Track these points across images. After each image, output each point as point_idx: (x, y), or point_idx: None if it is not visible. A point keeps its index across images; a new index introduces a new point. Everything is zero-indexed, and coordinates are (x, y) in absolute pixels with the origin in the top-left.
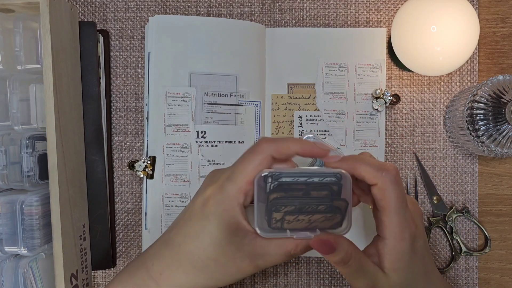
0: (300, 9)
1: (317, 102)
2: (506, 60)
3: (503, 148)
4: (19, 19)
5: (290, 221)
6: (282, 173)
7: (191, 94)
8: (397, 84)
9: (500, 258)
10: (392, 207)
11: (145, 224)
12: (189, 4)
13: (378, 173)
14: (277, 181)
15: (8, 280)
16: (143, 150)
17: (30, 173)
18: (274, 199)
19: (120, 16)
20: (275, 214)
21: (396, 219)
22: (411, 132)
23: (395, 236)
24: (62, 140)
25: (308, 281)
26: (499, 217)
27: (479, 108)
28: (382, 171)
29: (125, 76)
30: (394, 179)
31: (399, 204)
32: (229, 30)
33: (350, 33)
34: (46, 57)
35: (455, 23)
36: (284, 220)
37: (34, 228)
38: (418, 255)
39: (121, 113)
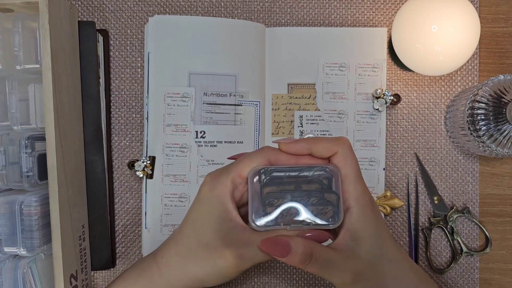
0: (300, 9)
1: (318, 102)
2: (507, 60)
3: (504, 148)
4: (18, 19)
5: (284, 215)
6: (274, 168)
7: (190, 94)
8: (398, 84)
9: (501, 259)
10: (353, 173)
11: (145, 224)
12: (189, 4)
13: (336, 142)
14: (269, 175)
15: (7, 281)
16: (142, 150)
17: (29, 173)
18: (267, 193)
19: (120, 16)
20: (269, 208)
21: (359, 185)
22: (412, 132)
23: (360, 201)
24: (61, 140)
25: (308, 281)
26: (499, 217)
27: (480, 108)
28: (338, 140)
29: (124, 76)
30: (350, 147)
31: (359, 170)
32: (229, 30)
33: (350, 33)
34: (45, 57)
35: (455, 22)
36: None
37: (33, 228)
38: (381, 220)
39: (120, 113)
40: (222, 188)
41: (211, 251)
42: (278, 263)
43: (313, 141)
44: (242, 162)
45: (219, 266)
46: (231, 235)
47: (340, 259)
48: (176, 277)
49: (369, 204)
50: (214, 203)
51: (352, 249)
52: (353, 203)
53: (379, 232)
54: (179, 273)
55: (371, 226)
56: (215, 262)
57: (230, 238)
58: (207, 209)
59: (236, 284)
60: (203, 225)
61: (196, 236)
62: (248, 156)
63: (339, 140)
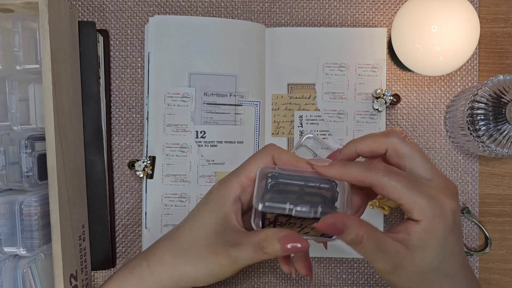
0: (300, 9)
1: (317, 102)
2: (507, 60)
3: (504, 148)
4: (18, 19)
5: (283, 223)
6: (281, 175)
7: (190, 94)
8: (398, 84)
9: (501, 258)
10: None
11: (145, 223)
12: (189, 4)
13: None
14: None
15: (7, 281)
16: (142, 150)
17: (29, 173)
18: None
19: (120, 16)
20: (269, 214)
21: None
22: (412, 132)
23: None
24: (61, 140)
25: (308, 281)
26: (499, 217)
27: (480, 108)
28: (385, 136)
29: (125, 76)
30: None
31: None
32: (229, 30)
33: (350, 33)
34: (45, 57)
35: (455, 23)
36: (276, 221)
37: (33, 228)
38: (451, 231)
39: (121, 113)
40: (227, 191)
41: (204, 250)
42: (277, 263)
43: (347, 169)
44: (249, 164)
45: (211, 266)
46: (226, 237)
47: (393, 248)
48: (167, 275)
49: (439, 213)
50: (217, 205)
51: (408, 249)
52: (419, 214)
53: (445, 246)
54: (170, 271)
55: (437, 239)
56: (207, 262)
57: (224, 239)
58: (208, 211)
59: (236, 284)
60: (200, 225)
61: (192, 235)
62: (254, 157)
63: (386, 135)
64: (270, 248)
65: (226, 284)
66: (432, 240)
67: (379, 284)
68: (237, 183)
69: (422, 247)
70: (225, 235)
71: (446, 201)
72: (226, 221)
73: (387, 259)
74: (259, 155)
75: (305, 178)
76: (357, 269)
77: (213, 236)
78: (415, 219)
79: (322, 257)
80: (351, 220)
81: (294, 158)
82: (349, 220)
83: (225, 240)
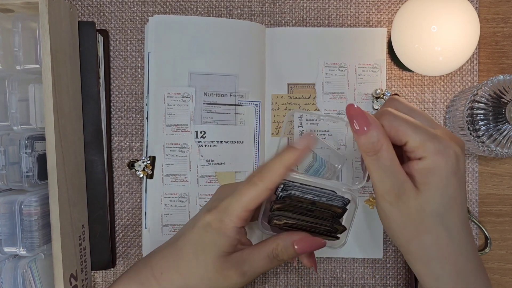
0: (300, 9)
1: (317, 102)
2: (507, 60)
3: (504, 148)
4: (18, 19)
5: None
6: (294, 186)
7: (190, 94)
8: (398, 84)
9: (501, 258)
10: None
11: (145, 223)
12: (189, 4)
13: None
14: (286, 191)
15: (7, 281)
16: (142, 150)
17: (29, 173)
18: (277, 208)
19: (120, 16)
20: (276, 221)
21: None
22: None
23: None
24: (61, 140)
25: (308, 281)
26: (499, 217)
27: (480, 108)
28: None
29: (124, 76)
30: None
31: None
32: (229, 30)
33: (350, 33)
34: (45, 57)
35: (455, 23)
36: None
37: (33, 228)
38: (459, 177)
39: (120, 113)
40: (228, 223)
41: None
42: None
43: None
44: (241, 200)
45: (225, 285)
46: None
47: (403, 176)
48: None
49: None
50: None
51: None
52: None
53: (448, 188)
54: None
55: (439, 177)
56: (220, 282)
57: (233, 261)
58: (211, 239)
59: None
60: (206, 252)
61: (198, 261)
62: (246, 192)
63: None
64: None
65: None
66: (434, 177)
67: (379, 284)
68: (237, 218)
69: (426, 185)
70: (233, 257)
71: (450, 143)
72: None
73: (394, 184)
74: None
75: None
76: (357, 269)
77: (222, 263)
78: (418, 158)
79: (322, 257)
80: (376, 123)
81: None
82: (375, 123)
83: (234, 261)
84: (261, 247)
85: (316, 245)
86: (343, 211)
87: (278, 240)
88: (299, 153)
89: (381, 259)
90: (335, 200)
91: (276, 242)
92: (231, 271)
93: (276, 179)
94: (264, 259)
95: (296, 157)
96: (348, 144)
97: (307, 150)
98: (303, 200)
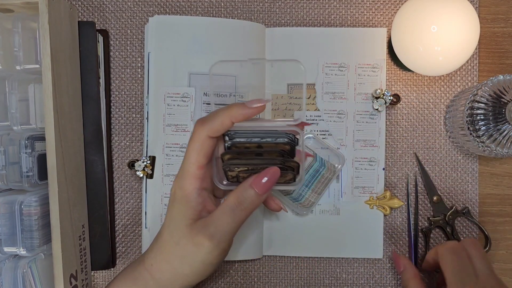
0: (300, 9)
1: (317, 102)
2: (507, 60)
3: (504, 148)
4: (18, 19)
5: (245, 178)
6: (237, 132)
7: (190, 94)
8: (398, 84)
9: (501, 258)
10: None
11: (145, 223)
12: (189, 4)
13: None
14: (231, 141)
15: (7, 281)
16: (142, 150)
17: (29, 173)
18: (228, 159)
19: (120, 16)
20: (230, 172)
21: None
22: (412, 132)
23: None
24: (61, 140)
25: (308, 281)
26: (499, 217)
27: (480, 108)
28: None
29: (124, 76)
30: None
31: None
32: (229, 30)
33: (350, 33)
34: (45, 57)
35: (455, 23)
36: (239, 176)
37: (33, 228)
38: None
39: (120, 113)
40: (186, 189)
41: (188, 245)
42: (278, 262)
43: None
44: (189, 160)
45: (200, 255)
46: (199, 224)
47: None
48: (171, 281)
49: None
50: (183, 203)
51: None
52: None
53: None
54: (172, 277)
55: None
56: (195, 253)
57: (198, 226)
58: (177, 211)
59: (237, 284)
60: (176, 226)
61: (173, 238)
62: (190, 150)
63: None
64: (246, 200)
65: (228, 285)
66: None
67: (379, 284)
68: (193, 179)
69: None
70: (199, 223)
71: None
72: (196, 213)
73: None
74: (195, 142)
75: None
76: (357, 269)
77: (190, 231)
78: None
79: (322, 257)
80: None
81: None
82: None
83: (199, 226)
84: (222, 204)
85: (270, 175)
86: (291, 146)
87: (236, 189)
88: (247, 111)
89: (381, 259)
90: (280, 138)
91: (234, 192)
92: (199, 236)
93: (218, 127)
94: (227, 214)
95: (244, 113)
96: (348, 144)
97: (257, 112)
98: (249, 145)
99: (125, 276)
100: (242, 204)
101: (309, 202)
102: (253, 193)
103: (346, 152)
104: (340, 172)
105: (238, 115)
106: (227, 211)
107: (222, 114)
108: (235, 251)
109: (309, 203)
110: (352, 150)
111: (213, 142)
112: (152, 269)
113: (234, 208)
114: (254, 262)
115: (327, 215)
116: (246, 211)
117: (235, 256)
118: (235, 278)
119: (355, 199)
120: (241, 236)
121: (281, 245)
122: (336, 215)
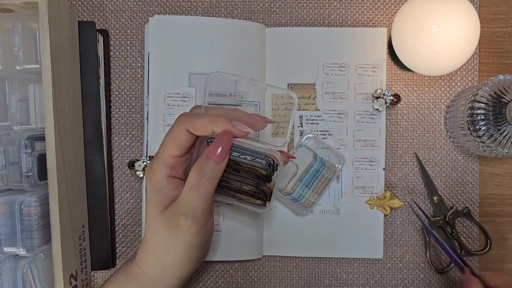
0: (300, 9)
1: (317, 102)
2: (507, 60)
3: (504, 148)
4: (18, 19)
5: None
6: None
7: (190, 94)
8: (398, 84)
9: (501, 258)
10: None
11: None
12: (189, 4)
13: None
14: None
15: (7, 281)
16: (142, 150)
17: (29, 173)
18: None
19: (120, 16)
20: None
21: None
22: (412, 132)
23: None
24: (61, 140)
25: (308, 281)
26: (499, 217)
27: (480, 108)
28: None
29: (124, 76)
30: None
31: None
32: (229, 30)
33: (350, 33)
34: (45, 57)
35: (455, 23)
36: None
37: (33, 228)
38: None
39: (120, 113)
40: (156, 176)
41: (166, 231)
42: (278, 262)
43: None
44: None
45: (180, 237)
46: (171, 208)
47: None
48: (160, 272)
49: None
50: (153, 191)
51: None
52: None
53: None
54: (161, 268)
55: None
56: (174, 237)
57: (170, 210)
58: (150, 201)
59: (237, 284)
60: (151, 216)
61: (151, 229)
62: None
63: None
64: (207, 170)
65: (228, 285)
66: None
67: (379, 284)
68: (163, 166)
69: None
70: (171, 207)
71: None
72: (168, 199)
73: None
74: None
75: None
76: (357, 269)
77: (163, 217)
78: None
79: (322, 257)
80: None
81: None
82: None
83: (172, 210)
84: (186, 183)
85: (224, 144)
86: (267, 173)
87: (195, 164)
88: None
89: (381, 259)
90: (259, 159)
91: (194, 167)
92: (173, 219)
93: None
94: (193, 189)
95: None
96: (349, 144)
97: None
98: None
99: (120, 272)
100: (205, 176)
101: (309, 202)
102: (212, 162)
103: (346, 152)
104: (340, 172)
105: (219, 126)
106: (193, 186)
107: (207, 117)
108: (235, 251)
109: (309, 203)
110: (352, 150)
111: (190, 137)
112: (141, 264)
113: (198, 181)
114: (254, 262)
115: (327, 215)
116: (210, 181)
117: (235, 256)
118: (235, 278)
119: (355, 199)
120: (241, 236)
121: (281, 245)
122: (336, 215)
